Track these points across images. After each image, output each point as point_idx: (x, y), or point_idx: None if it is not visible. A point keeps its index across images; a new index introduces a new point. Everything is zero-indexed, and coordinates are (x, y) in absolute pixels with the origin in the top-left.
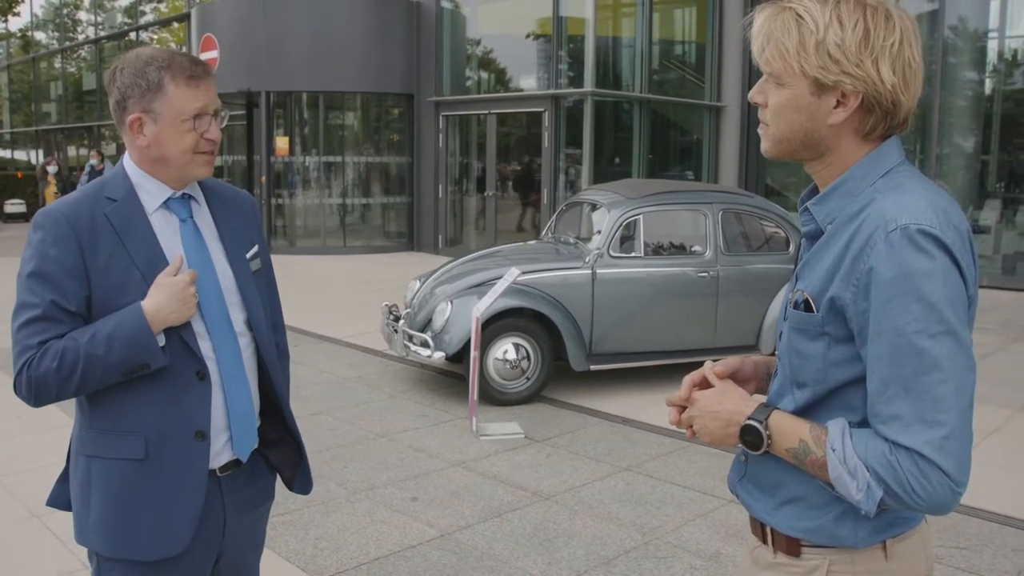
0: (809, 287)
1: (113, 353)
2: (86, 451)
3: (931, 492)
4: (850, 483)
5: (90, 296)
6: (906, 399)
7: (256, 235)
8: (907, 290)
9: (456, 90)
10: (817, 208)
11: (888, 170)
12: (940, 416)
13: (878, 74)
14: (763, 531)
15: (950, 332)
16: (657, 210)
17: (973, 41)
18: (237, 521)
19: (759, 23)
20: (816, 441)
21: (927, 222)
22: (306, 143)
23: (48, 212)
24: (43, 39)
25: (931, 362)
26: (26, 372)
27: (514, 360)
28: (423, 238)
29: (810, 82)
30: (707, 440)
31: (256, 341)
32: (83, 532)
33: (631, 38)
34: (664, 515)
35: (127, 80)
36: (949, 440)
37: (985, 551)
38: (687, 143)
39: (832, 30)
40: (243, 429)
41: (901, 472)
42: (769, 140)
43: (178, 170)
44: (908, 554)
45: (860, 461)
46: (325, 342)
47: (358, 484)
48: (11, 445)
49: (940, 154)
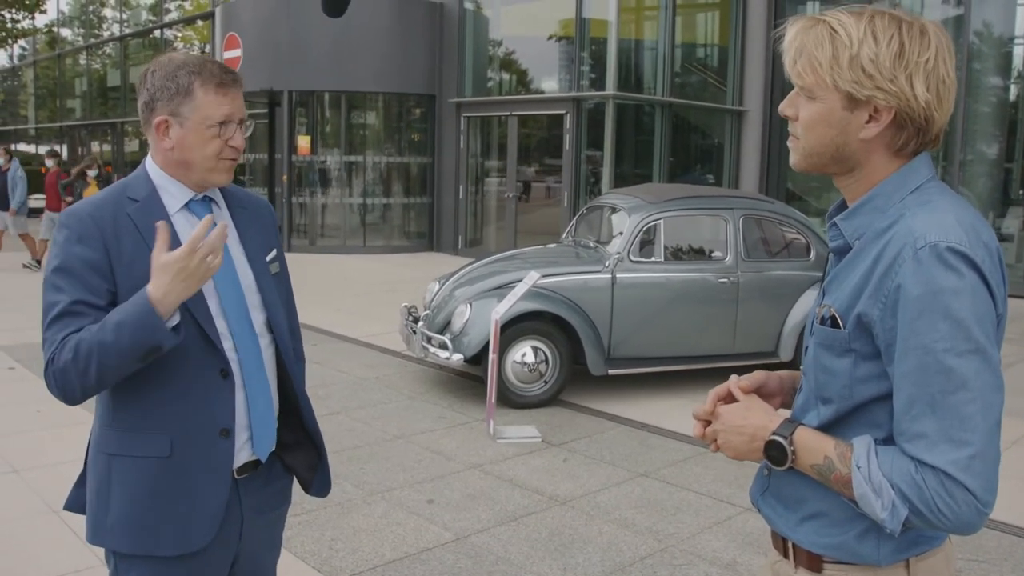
0: (836, 303)
1: (123, 338)
2: (108, 449)
3: (957, 512)
4: (875, 501)
5: (116, 292)
6: (932, 418)
7: (274, 241)
8: (935, 308)
9: (478, 91)
10: (845, 223)
11: (918, 186)
12: (967, 435)
13: (912, 90)
14: (785, 545)
15: (978, 351)
16: (678, 215)
17: (998, 47)
18: (253, 523)
19: (791, 35)
20: (841, 458)
21: (956, 240)
22: (327, 142)
23: (72, 211)
24: (68, 36)
25: (959, 381)
26: (51, 368)
27: (532, 363)
28: (443, 239)
29: (843, 96)
30: (731, 455)
31: (276, 342)
32: (99, 532)
33: (653, 41)
34: (680, 522)
35: (158, 83)
36: (976, 460)
37: (1004, 565)
38: (708, 147)
39: (867, 45)
40: (263, 429)
41: (927, 491)
42: (799, 153)
43: (200, 175)
44: (931, 573)
45: (885, 479)
46: (344, 342)
47: (375, 486)
48: (31, 440)
49: (963, 161)
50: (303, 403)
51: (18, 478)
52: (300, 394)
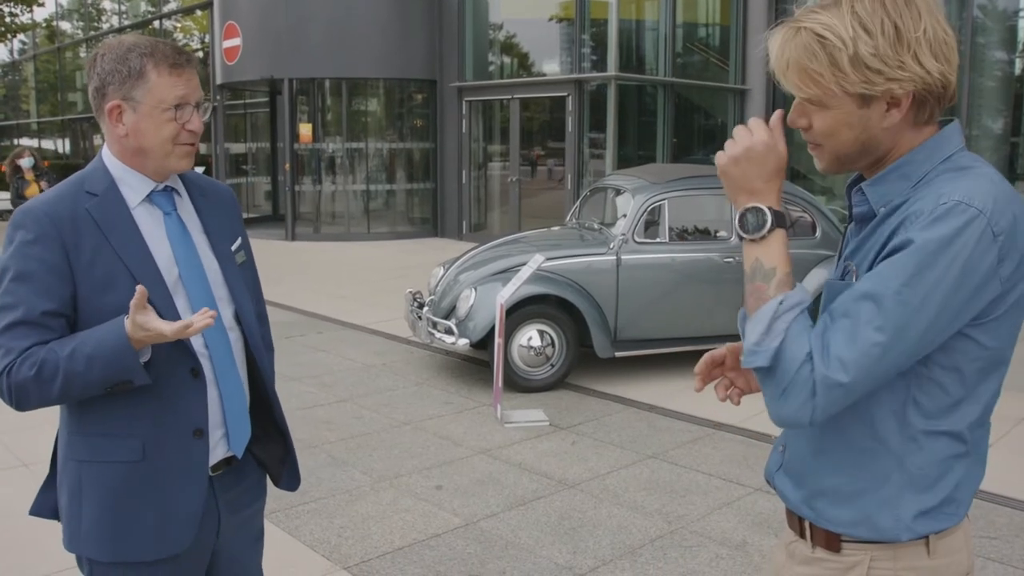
0: (861, 268)
1: (93, 371)
2: (77, 456)
3: (791, 409)
4: (762, 334)
5: (75, 294)
6: (843, 336)
7: (238, 227)
8: (921, 252)
9: (479, 75)
10: (872, 189)
11: (949, 155)
12: (852, 369)
13: (922, 67)
14: (800, 525)
15: (926, 304)
16: (682, 195)
17: (1003, 21)
18: (229, 521)
19: (776, 51)
20: (779, 283)
21: (979, 204)
22: (329, 130)
23: (27, 210)
24: (68, 29)
25: (884, 319)
26: (5, 379)
27: (539, 347)
28: (447, 224)
29: (855, 98)
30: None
31: (245, 335)
32: (75, 539)
33: (654, 21)
34: (690, 503)
35: (108, 66)
36: (839, 388)
37: (1016, 541)
38: (711, 127)
39: (861, 41)
40: (238, 424)
41: (792, 373)
42: (826, 160)
43: (157, 161)
44: (951, 550)
45: (783, 334)
46: (349, 329)
47: (383, 472)
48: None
49: (969, 136)
50: (272, 395)
51: (27, 472)
52: (269, 386)
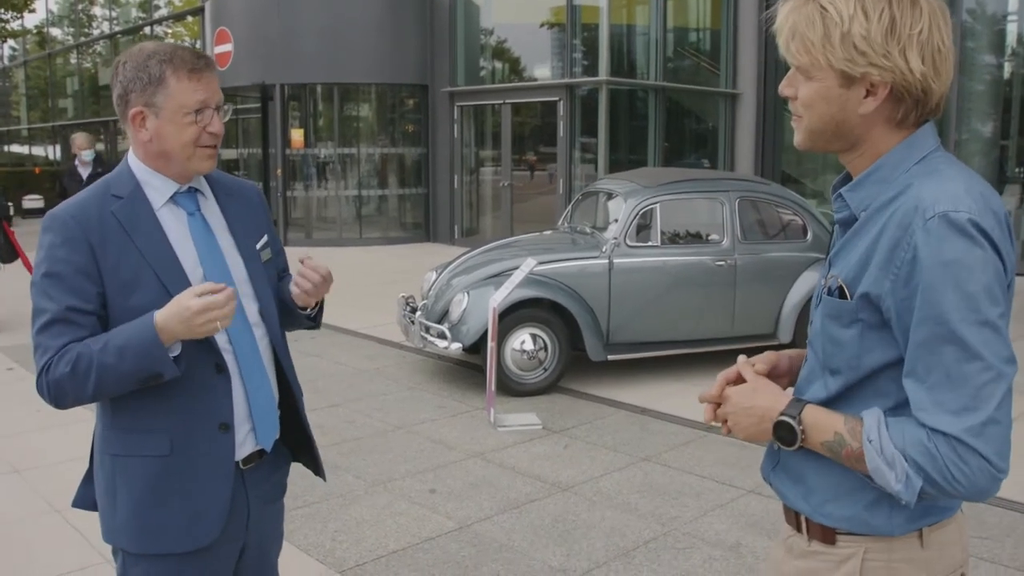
0: (843, 273)
1: (125, 363)
2: (110, 450)
3: (972, 478)
4: (888, 474)
5: (104, 294)
6: (946, 387)
7: (265, 225)
8: (947, 278)
9: (470, 80)
10: (851, 195)
11: (923, 156)
12: (979, 403)
13: (907, 64)
14: (798, 520)
15: (988, 322)
16: (674, 199)
17: (991, 25)
18: (260, 513)
19: (782, 16)
20: (851, 433)
21: (965, 208)
22: (321, 135)
23: (55, 214)
24: (58, 35)
25: (972, 351)
26: (45, 377)
27: (531, 351)
28: (439, 229)
29: (838, 74)
30: (741, 436)
31: (269, 333)
32: (111, 531)
33: (645, 26)
34: (683, 505)
35: (129, 74)
36: (988, 426)
37: (1007, 541)
38: (703, 131)
39: (857, 21)
40: (265, 419)
41: (940, 459)
42: (802, 133)
43: (181, 164)
44: (945, 542)
45: (897, 451)
46: (342, 334)
47: (376, 476)
48: (32, 440)
49: (959, 139)
50: (296, 390)
51: (19, 478)
52: (294, 385)
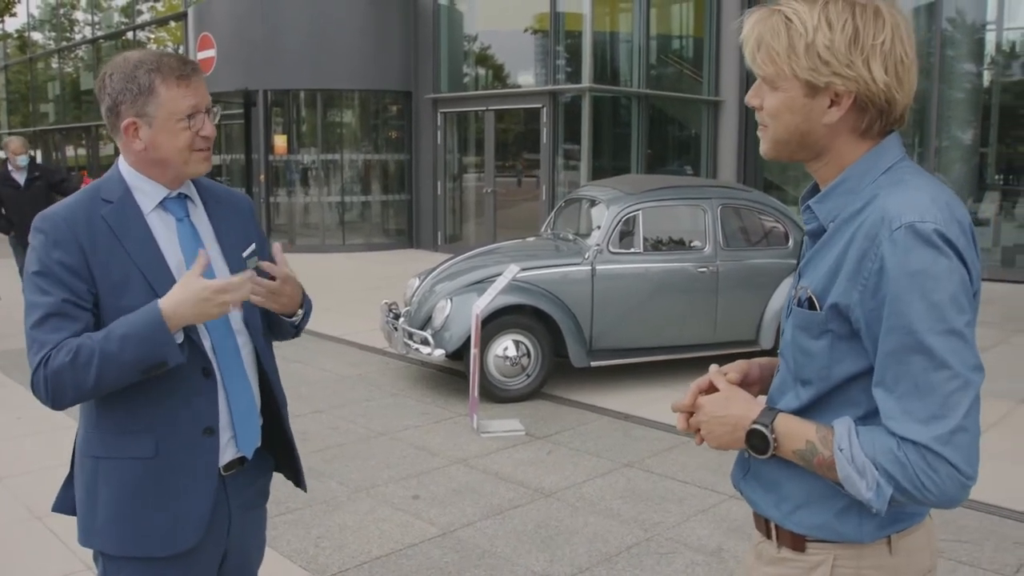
0: (812, 284)
1: (127, 351)
2: (93, 452)
3: (941, 486)
4: (859, 482)
5: (96, 294)
6: (915, 396)
7: (253, 233)
8: (914, 288)
9: (454, 87)
10: (819, 206)
11: (889, 166)
12: (948, 412)
13: (870, 73)
14: (767, 527)
15: (955, 331)
16: (656, 206)
17: (971, 34)
18: (242, 519)
19: (748, 27)
20: (823, 441)
21: (931, 218)
22: (304, 141)
23: (46, 216)
24: (40, 39)
25: (939, 360)
26: (42, 370)
27: (514, 357)
28: (422, 235)
29: (802, 84)
30: (714, 445)
31: (253, 340)
32: (89, 534)
33: (628, 33)
34: (665, 511)
35: (117, 85)
36: (956, 434)
37: (986, 544)
38: (685, 138)
39: (821, 32)
40: (246, 426)
41: (910, 467)
42: (768, 142)
43: (177, 169)
44: (913, 548)
45: (868, 459)
46: (325, 340)
47: (360, 483)
48: (12, 447)
49: (939, 147)
50: (280, 399)
51: (0, 486)
52: (278, 393)
